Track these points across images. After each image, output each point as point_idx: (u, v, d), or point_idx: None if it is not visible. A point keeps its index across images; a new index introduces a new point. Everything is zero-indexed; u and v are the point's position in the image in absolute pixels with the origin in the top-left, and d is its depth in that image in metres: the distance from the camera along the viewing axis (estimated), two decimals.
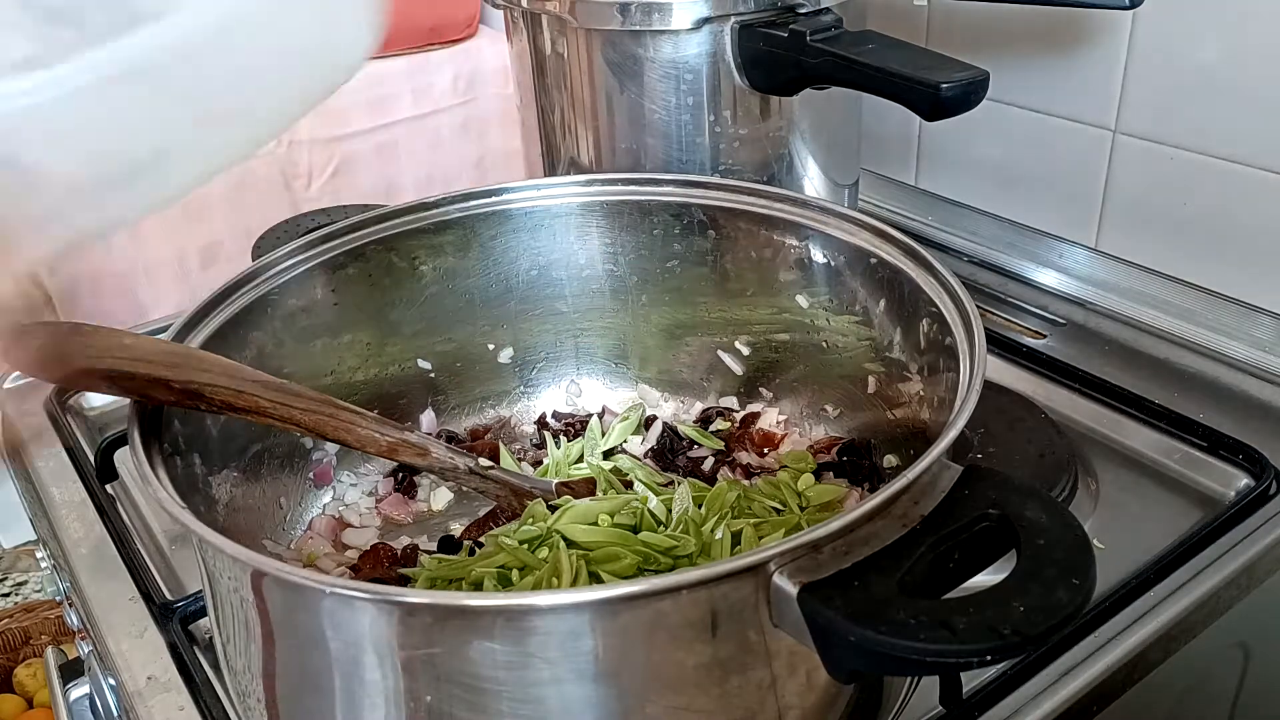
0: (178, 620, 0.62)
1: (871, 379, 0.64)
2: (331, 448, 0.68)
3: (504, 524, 0.63)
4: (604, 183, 0.70)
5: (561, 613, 0.41)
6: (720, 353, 0.73)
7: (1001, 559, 0.42)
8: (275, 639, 0.46)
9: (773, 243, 0.66)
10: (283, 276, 0.63)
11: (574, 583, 0.54)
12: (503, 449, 0.70)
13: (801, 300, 0.67)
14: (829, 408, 0.69)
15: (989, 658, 0.37)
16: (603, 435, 0.71)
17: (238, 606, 0.47)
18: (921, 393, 0.59)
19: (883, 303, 0.61)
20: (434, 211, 0.69)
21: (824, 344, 0.67)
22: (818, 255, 0.65)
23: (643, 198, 0.69)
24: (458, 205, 0.69)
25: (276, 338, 0.63)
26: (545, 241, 0.71)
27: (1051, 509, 0.42)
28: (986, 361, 0.49)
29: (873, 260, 0.61)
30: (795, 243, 0.66)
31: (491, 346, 0.73)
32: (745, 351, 0.72)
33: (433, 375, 0.73)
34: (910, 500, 0.43)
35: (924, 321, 0.57)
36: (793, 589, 0.39)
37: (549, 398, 0.75)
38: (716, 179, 0.69)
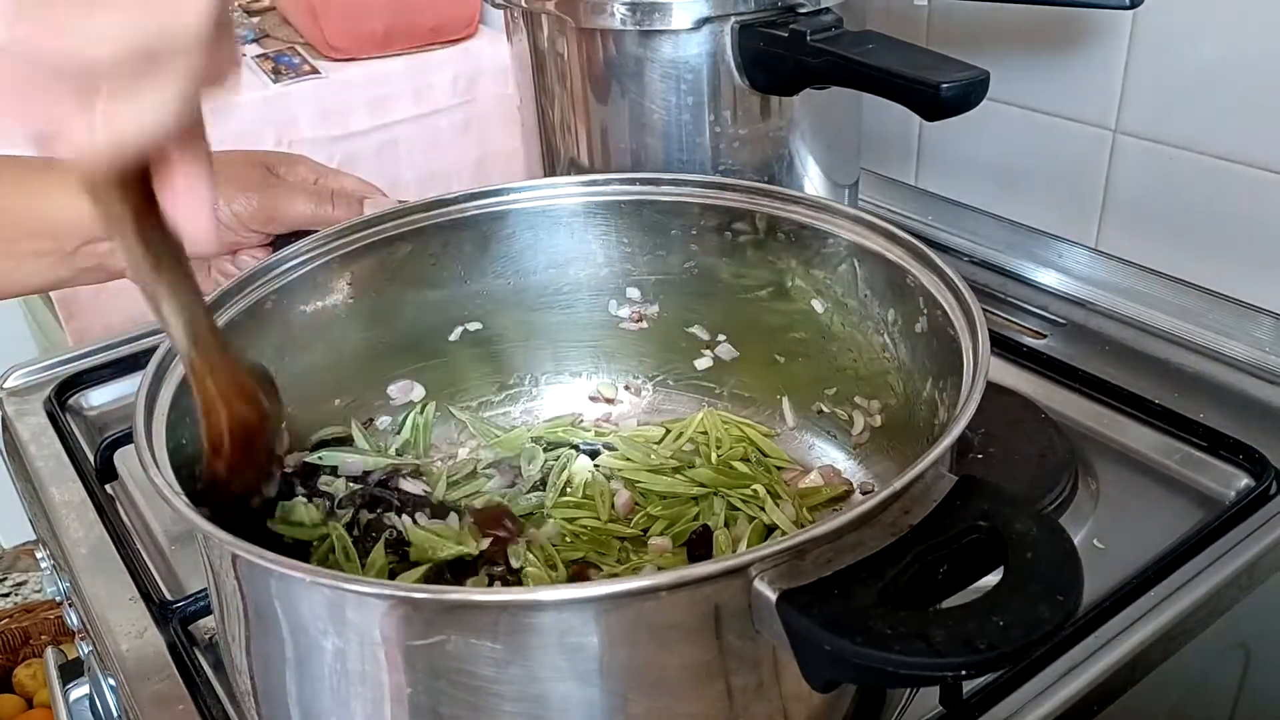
0: (177, 620, 0.62)
1: (880, 379, 0.64)
2: None
3: None
4: (621, 182, 0.70)
5: (545, 610, 0.41)
6: (730, 352, 0.72)
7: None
8: (278, 636, 0.46)
9: (786, 243, 0.66)
10: (297, 270, 0.63)
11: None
12: None
13: (816, 305, 0.66)
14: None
15: (964, 672, 0.37)
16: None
17: (240, 602, 0.47)
18: (927, 393, 0.59)
19: (891, 303, 0.61)
20: (452, 209, 0.68)
21: (834, 344, 0.67)
22: (829, 256, 0.64)
23: (661, 198, 0.69)
24: (476, 203, 0.69)
25: (290, 332, 0.63)
26: (562, 241, 0.70)
27: (1042, 523, 0.41)
28: (990, 363, 0.49)
29: (882, 261, 0.61)
30: (808, 243, 0.65)
31: (502, 345, 0.73)
32: (757, 352, 0.71)
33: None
34: (901, 509, 0.42)
35: (929, 322, 0.57)
36: (772, 595, 0.39)
37: (558, 397, 0.75)
38: (731, 180, 0.69)
